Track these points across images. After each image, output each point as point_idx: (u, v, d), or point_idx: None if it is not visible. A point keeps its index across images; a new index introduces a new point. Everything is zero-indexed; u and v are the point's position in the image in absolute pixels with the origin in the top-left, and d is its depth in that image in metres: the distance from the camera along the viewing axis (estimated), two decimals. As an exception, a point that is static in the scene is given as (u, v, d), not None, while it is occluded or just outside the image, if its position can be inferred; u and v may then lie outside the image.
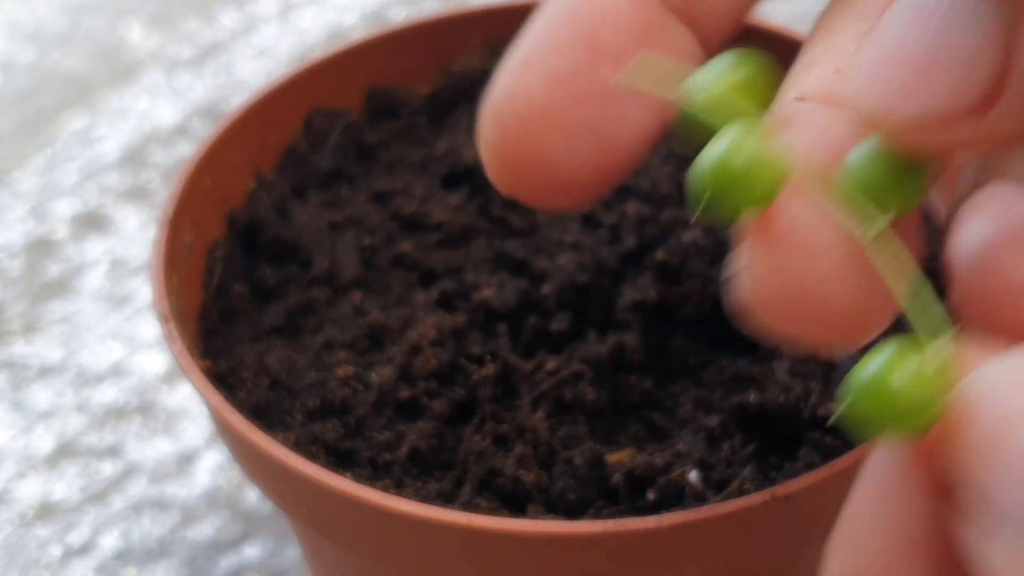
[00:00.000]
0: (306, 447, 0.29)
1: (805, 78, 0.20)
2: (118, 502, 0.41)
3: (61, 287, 0.49)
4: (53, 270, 0.50)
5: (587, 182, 0.22)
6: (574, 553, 0.26)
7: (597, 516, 0.28)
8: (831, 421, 0.17)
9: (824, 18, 0.22)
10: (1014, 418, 0.15)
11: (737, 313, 0.20)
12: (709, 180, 0.18)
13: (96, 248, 0.50)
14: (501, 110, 0.22)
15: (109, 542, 0.40)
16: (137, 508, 0.41)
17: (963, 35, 0.17)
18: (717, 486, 0.28)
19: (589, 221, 0.35)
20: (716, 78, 0.19)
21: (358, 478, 0.28)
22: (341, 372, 0.31)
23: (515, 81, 0.22)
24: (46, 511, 0.41)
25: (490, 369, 0.30)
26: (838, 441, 0.28)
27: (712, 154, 0.17)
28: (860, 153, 0.18)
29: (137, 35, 0.62)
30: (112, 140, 0.56)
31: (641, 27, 0.21)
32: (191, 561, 0.39)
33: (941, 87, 0.17)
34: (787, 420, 0.29)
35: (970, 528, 0.16)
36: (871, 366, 0.16)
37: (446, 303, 0.33)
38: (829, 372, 0.30)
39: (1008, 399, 0.15)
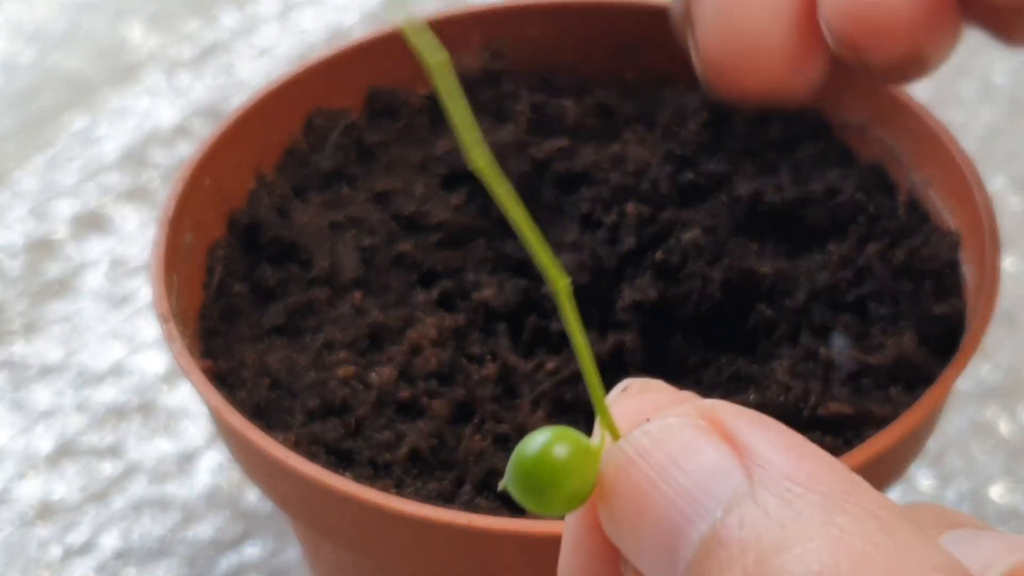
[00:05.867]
0: (306, 447, 0.29)
1: None
2: (118, 502, 0.41)
3: (61, 287, 0.49)
4: (53, 270, 0.50)
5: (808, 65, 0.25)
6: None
7: (597, 516, 0.28)
8: (500, 487, 0.17)
9: None
10: (644, 495, 0.16)
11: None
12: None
13: (96, 248, 0.50)
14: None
15: (109, 542, 0.40)
16: (137, 508, 0.41)
17: None
18: (717, 486, 0.28)
19: (589, 221, 0.35)
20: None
21: (358, 478, 0.28)
22: (341, 372, 0.31)
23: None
24: (46, 511, 0.41)
25: (490, 369, 0.30)
26: (837, 441, 0.28)
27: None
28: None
29: (138, 35, 0.62)
30: (112, 140, 0.56)
31: None
32: (191, 561, 0.39)
33: None
34: (786, 420, 0.28)
35: None
36: (536, 440, 0.17)
37: (446, 303, 0.33)
38: (828, 372, 0.30)
39: (640, 475, 0.16)
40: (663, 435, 0.16)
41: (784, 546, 0.14)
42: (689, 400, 0.17)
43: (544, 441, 0.17)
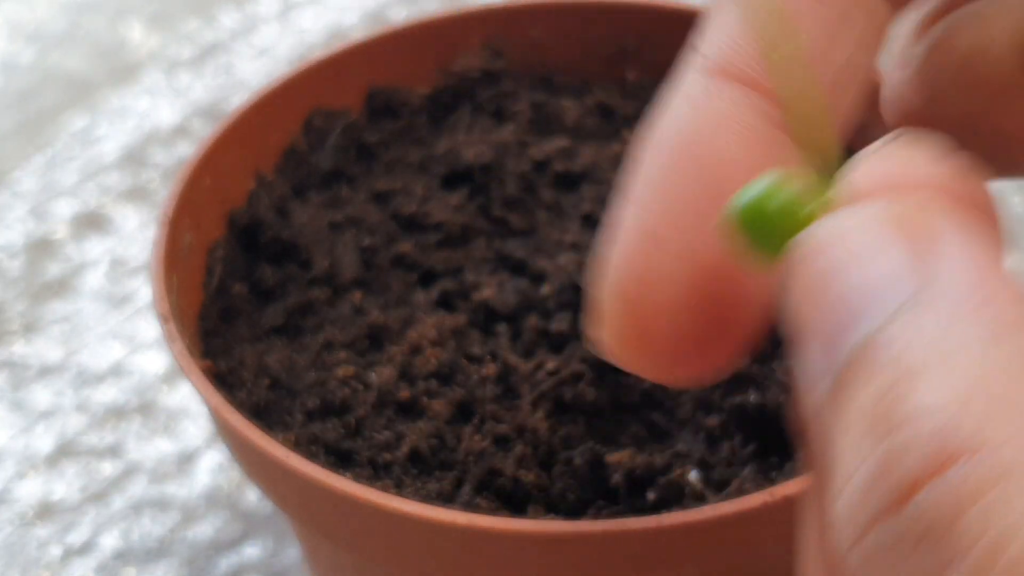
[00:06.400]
0: (306, 447, 0.29)
1: None
2: (118, 502, 0.41)
3: (61, 287, 0.49)
4: (53, 270, 0.49)
5: (715, 357, 0.21)
6: (574, 553, 0.26)
7: (597, 516, 0.28)
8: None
9: None
10: (820, 288, 0.15)
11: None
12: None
13: (96, 248, 0.50)
14: (628, 295, 0.21)
15: (109, 542, 0.40)
16: (137, 508, 0.41)
17: None
18: (717, 486, 0.28)
19: (589, 221, 0.34)
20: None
21: (358, 478, 0.28)
22: (341, 372, 0.31)
23: (639, 261, 0.20)
24: (46, 511, 0.41)
25: (490, 369, 0.30)
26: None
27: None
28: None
29: (137, 35, 0.62)
30: (112, 140, 0.56)
31: (760, 165, 0.20)
32: (191, 561, 0.39)
33: None
34: (786, 421, 0.29)
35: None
36: (758, 185, 0.17)
37: (446, 303, 0.33)
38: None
39: (819, 267, 0.16)
40: (850, 229, 0.16)
41: (922, 371, 0.14)
42: (939, 178, 0.16)
43: (759, 191, 0.17)
